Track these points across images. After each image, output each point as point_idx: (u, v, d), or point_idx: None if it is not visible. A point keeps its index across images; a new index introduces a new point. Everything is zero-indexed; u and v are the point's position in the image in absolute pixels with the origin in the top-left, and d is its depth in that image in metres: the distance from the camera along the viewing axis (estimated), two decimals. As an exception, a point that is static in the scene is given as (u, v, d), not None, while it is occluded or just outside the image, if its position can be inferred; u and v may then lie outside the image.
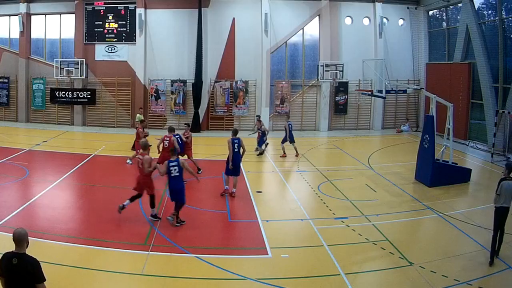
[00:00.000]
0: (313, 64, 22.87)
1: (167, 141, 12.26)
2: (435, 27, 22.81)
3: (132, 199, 9.50)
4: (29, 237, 4.48)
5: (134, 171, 14.06)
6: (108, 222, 9.30)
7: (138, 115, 17.72)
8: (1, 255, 4.46)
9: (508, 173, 7.72)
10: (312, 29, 22.80)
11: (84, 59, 21.90)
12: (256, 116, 18.29)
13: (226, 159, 11.30)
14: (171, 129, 12.68)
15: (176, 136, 12.46)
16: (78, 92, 22.18)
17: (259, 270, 7.30)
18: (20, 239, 4.34)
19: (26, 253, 4.38)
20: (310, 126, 22.91)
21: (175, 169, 9.03)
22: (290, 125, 16.33)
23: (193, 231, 9.13)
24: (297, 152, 16.36)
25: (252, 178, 13.18)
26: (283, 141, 16.37)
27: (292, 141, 16.25)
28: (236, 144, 11.24)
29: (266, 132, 16.89)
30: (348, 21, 22.86)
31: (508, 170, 7.73)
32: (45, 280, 4.33)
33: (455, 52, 19.99)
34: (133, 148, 15.70)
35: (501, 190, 7.62)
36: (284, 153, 16.29)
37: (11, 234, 4.43)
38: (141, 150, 9.85)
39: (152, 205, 9.40)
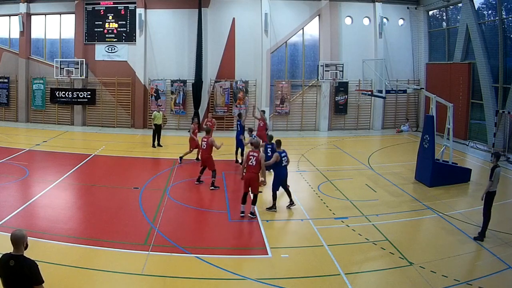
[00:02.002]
0: (313, 64, 22.86)
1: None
2: (435, 27, 22.81)
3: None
4: (28, 238, 4.46)
5: (134, 171, 14.13)
6: (108, 222, 9.30)
7: (155, 112, 17.85)
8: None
9: (496, 161, 8.74)
10: (312, 29, 22.80)
11: (84, 59, 21.90)
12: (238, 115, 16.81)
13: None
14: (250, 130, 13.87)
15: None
16: (78, 92, 22.18)
17: (259, 270, 7.30)
18: (17, 241, 4.29)
19: (24, 255, 4.33)
20: (310, 126, 22.91)
21: (285, 159, 10.17)
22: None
23: (193, 231, 9.14)
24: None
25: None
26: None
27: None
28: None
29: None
30: (348, 21, 22.86)
31: (497, 158, 8.80)
32: (43, 282, 4.30)
33: (455, 52, 19.99)
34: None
35: (495, 177, 8.51)
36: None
37: (10, 236, 4.41)
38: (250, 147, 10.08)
39: (254, 202, 9.71)
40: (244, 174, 9.79)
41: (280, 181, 10.26)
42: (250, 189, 9.62)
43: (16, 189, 11.43)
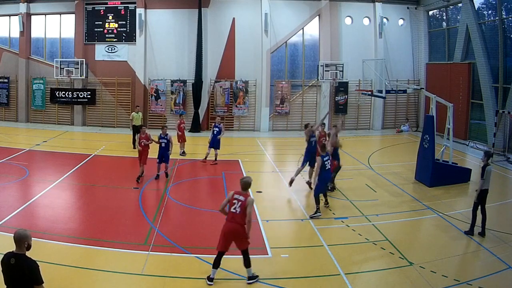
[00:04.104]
0: (313, 64, 22.86)
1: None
2: (435, 27, 22.82)
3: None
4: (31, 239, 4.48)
5: (134, 171, 14.08)
6: (108, 222, 9.30)
7: (133, 113, 17.37)
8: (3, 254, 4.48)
9: (487, 160, 8.92)
10: (312, 29, 22.80)
11: (84, 59, 21.90)
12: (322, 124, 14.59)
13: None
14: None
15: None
16: (78, 92, 22.18)
17: (259, 270, 7.29)
18: (19, 240, 4.35)
19: (26, 254, 4.38)
20: (310, 126, 22.86)
21: (328, 163, 10.02)
22: (215, 129, 14.75)
23: (193, 231, 9.12)
24: (206, 157, 14.78)
25: (252, 178, 13.12)
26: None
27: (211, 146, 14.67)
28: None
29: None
30: (348, 21, 22.86)
31: (487, 157, 8.97)
32: (42, 282, 4.34)
33: (455, 52, 19.99)
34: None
35: (486, 175, 8.72)
36: (205, 158, 14.77)
37: (13, 234, 4.45)
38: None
39: (247, 264, 6.90)
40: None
41: (325, 184, 10.14)
42: (234, 245, 6.86)
43: (16, 189, 11.43)
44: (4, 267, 4.33)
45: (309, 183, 12.08)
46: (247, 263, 6.83)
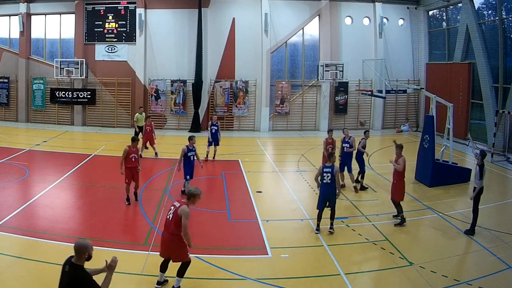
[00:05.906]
0: (313, 64, 22.86)
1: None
2: (435, 27, 22.82)
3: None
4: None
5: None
6: (108, 222, 9.30)
7: (137, 114, 17.24)
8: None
9: (482, 159, 9.07)
10: (312, 29, 22.80)
11: (84, 59, 21.89)
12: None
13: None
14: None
15: None
16: (78, 92, 22.18)
17: (259, 270, 7.30)
18: (79, 250, 4.36)
19: (84, 267, 4.38)
20: (310, 126, 22.90)
21: (327, 176, 8.70)
22: (213, 127, 14.99)
23: (193, 231, 9.07)
24: (207, 155, 15.03)
25: (252, 178, 13.18)
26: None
27: (211, 144, 14.95)
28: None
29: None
30: (348, 21, 22.87)
31: (482, 157, 9.11)
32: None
33: (455, 52, 20.00)
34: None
35: (483, 175, 8.94)
36: (206, 157, 14.99)
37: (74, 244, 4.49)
38: None
39: (180, 273, 6.54)
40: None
41: (321, 200, 8.87)
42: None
43: (16, 189, 11.42)
44: (61, 271, 4.39)
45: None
46: (180, 273, 6.48)
